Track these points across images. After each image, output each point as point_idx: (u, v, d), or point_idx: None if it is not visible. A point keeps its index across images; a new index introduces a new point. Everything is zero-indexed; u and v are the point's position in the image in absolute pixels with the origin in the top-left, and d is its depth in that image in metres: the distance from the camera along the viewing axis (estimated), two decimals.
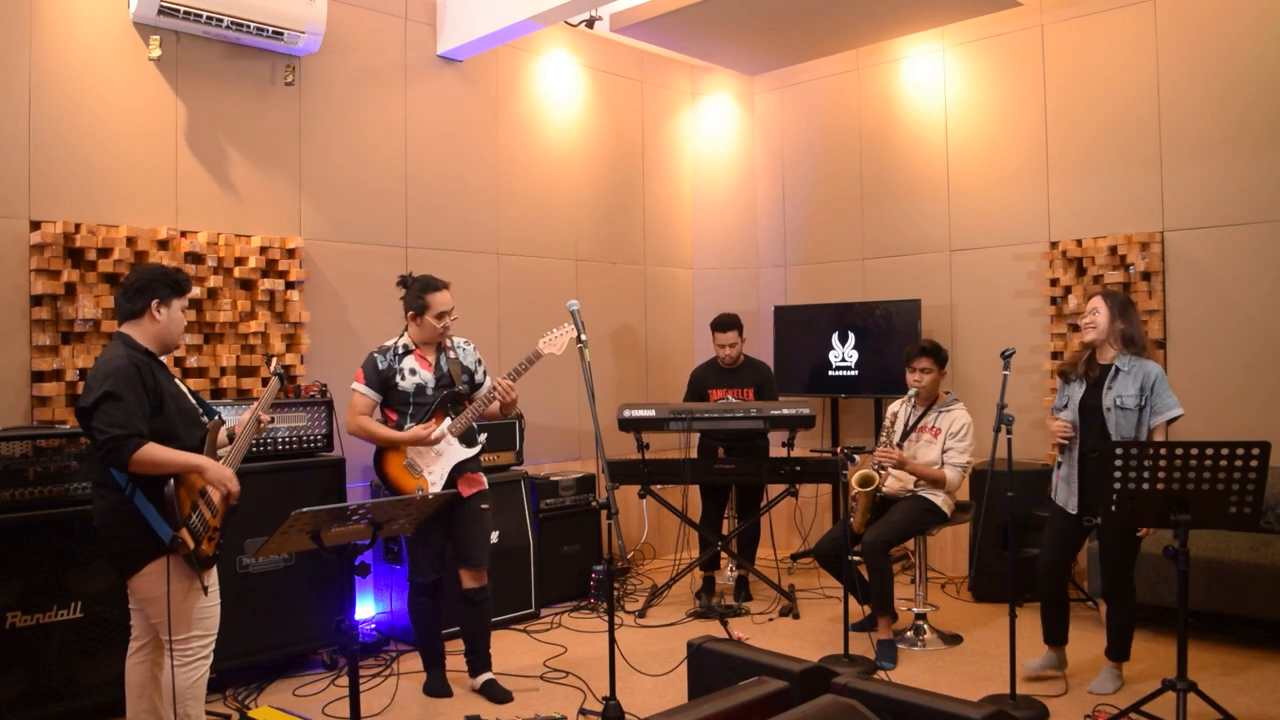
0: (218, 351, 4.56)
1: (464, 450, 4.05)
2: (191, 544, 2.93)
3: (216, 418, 3.21)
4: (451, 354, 4.14)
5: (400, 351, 4.06)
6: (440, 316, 4.03)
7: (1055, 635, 4.11)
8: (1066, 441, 3.96)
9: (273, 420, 3.97)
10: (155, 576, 2.94)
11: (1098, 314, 3.91)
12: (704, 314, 6.91)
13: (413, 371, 4.04)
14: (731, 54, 6.36)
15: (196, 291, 4.44)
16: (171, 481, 2.91)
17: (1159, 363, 3.92)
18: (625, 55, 6.64)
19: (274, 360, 3.72)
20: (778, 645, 4.44)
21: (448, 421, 4.04)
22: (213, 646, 3.10)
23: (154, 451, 2.88)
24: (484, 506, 4.10)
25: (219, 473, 3.01)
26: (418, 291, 4.03)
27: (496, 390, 3.99)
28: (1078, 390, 3.98)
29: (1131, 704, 3.52)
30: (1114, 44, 5.44)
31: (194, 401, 3.20)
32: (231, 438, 3.25)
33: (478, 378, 4.18)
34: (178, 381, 3.18)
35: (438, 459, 4.01)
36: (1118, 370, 3.87)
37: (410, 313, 4.05)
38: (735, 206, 7.16)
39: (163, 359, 3.15)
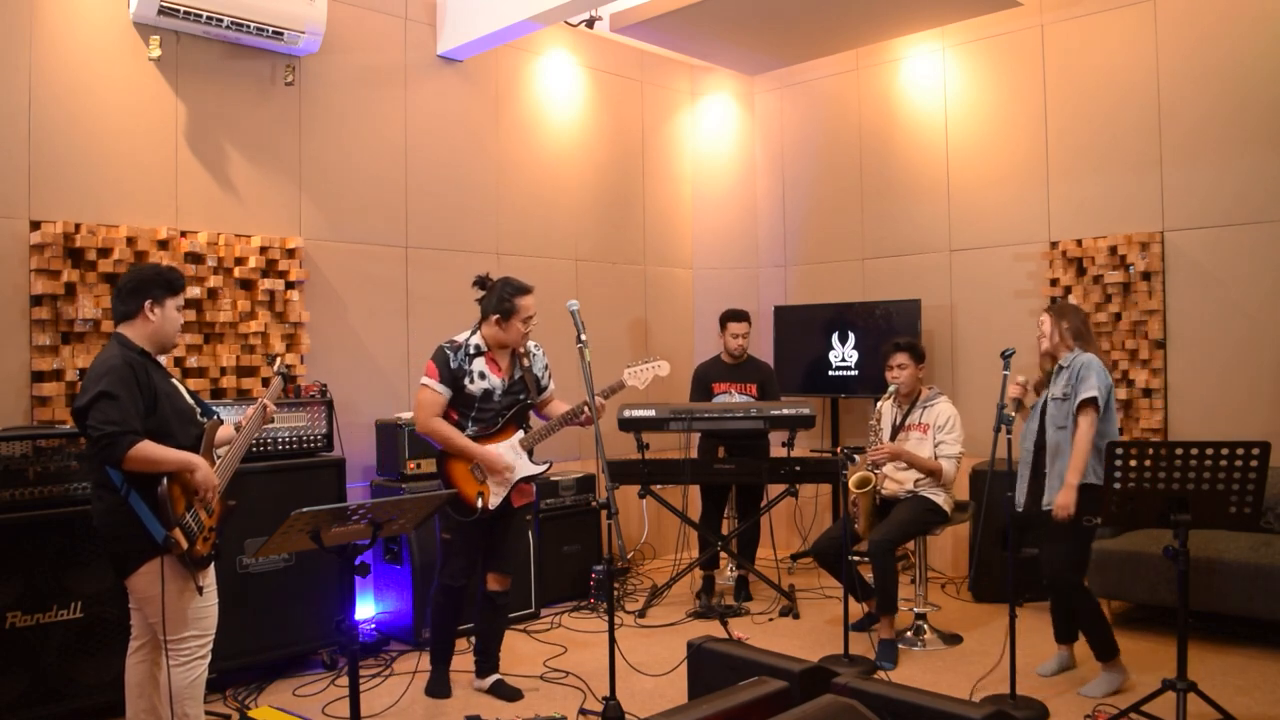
0: (218, 351, 4.55)
1: (532, 467, 4.00)
2: (185, 544, 2.92)
3: (215, 418, 3.21)
4: (526, 361, 4.05)
5: (471, 352, 3.95)
6: (526, 320, 3.95)
7: (1065, 633, 4.15)
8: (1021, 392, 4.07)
9: (273, 420, 3.96)
10: (151, 576, 2.94)
11: (1043, 324, 4.13)
12: (704, 314, 6.90)
13: (482, 375, 3.94)
14: (731, 54, 6.36)
15: (196, 291, 4.45)
16: (164, 481, 2.91)
17: (1157, 361, 3.93)
18: (625, 55, 6.64)
19: (278, 359, 3.71)
20: (778, 645, 4.44)
21: (519, 435, 3.99)
22: (210, 646, 3.10)
23: (148, 449, 2.88)
24: (528, 517, 4.11)
25: (205, 476, 3.01)
26: (505, 293, 3.91)
27: (587, 408, 3.88)
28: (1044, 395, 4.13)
29: (1131, 704, 3.52)
30: (1114, 44, 5.44)
31: (191, 401, 3.20)
32: (238, 429, 3.25)
33: (543, 381, 4.12)
34: (174, 381, 3.18)
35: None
36: (1061, 368, 4.02)
37: (495, 315, 3.91)
38: (735, 206, 7.16)
39: (160, 359, 3.15)
